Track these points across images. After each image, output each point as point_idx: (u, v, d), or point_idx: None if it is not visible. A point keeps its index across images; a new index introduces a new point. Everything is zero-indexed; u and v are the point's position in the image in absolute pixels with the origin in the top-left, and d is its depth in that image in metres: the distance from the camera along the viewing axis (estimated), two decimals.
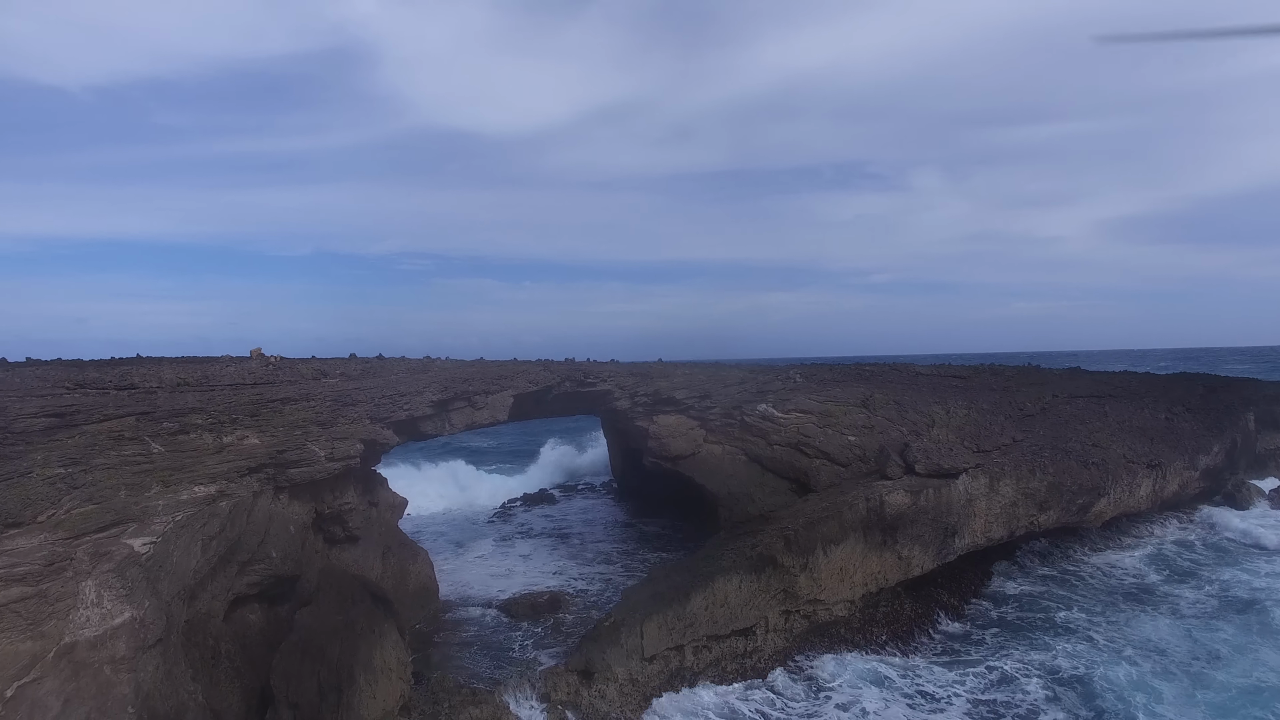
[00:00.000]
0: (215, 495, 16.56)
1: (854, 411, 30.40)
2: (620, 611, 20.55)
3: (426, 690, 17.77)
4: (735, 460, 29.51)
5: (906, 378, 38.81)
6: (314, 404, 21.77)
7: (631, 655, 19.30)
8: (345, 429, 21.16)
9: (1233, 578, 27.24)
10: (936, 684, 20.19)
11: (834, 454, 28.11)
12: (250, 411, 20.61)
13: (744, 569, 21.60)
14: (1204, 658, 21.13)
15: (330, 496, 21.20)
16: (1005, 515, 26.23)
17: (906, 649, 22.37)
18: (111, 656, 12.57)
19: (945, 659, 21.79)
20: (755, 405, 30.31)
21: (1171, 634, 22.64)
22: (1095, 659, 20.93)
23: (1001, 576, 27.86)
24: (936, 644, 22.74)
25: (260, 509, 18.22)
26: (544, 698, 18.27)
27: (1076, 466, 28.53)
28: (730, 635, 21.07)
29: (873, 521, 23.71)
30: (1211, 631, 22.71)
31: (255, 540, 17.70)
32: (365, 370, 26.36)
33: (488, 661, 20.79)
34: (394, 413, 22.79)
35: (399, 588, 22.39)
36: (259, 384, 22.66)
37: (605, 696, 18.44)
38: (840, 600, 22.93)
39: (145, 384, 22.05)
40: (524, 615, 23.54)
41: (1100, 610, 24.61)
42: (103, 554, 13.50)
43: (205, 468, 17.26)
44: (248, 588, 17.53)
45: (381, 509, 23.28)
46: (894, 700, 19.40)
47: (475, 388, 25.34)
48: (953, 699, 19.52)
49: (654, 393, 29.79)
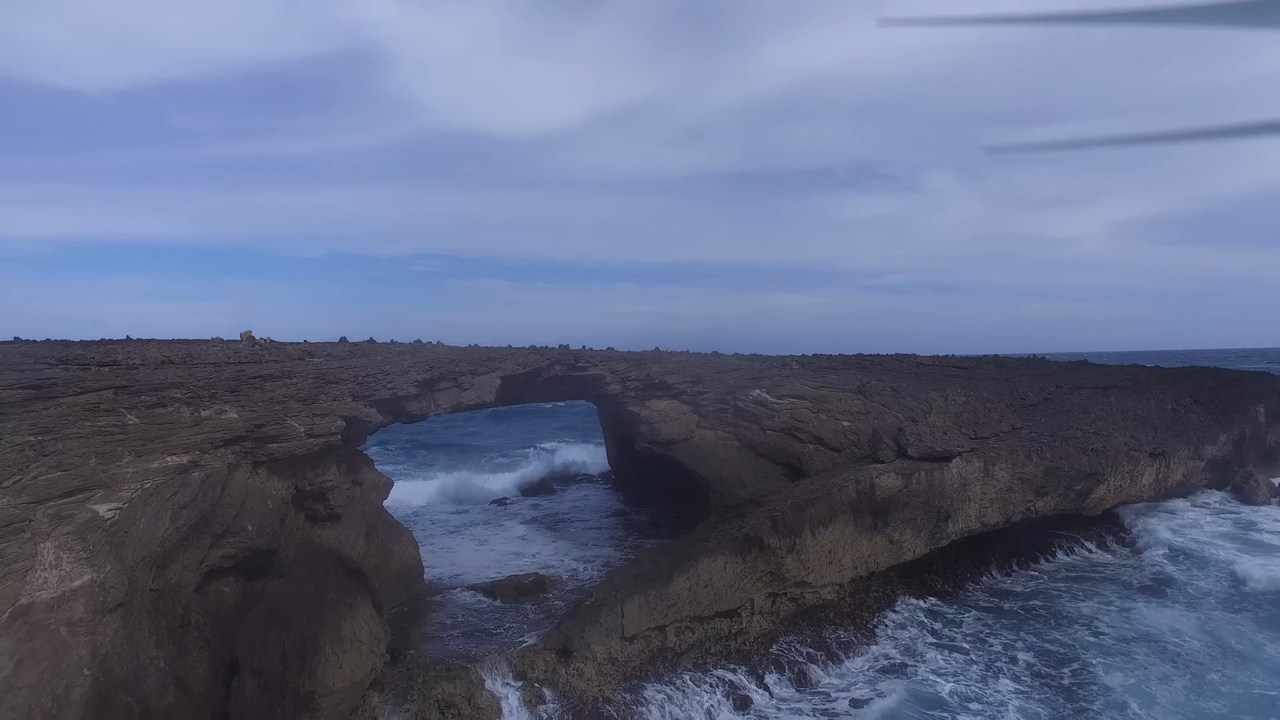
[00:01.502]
0: (188, 465, 16.41)
1: (849, 398, 30.01)
2: (602, 591, 20.28)
3: (401, 666, 17.57)
4: (728, 445, 29.19)
5: (907, 368, 38.34)
6: (296, 381, 21.62)
7: (611, 634, 19.02)
8: (327, 405, 21.00)
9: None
10: (929, 670, 19.81)
11: (827, 439, 27.74)
12: (230, 387, 20.48)
13: (729, 550, 21.27)
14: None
15: (311, 473, 21.03)
16: (1001, 500, 25.76)
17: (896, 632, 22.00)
18: (69, 619, 12.41)
19: (935, 641, 21.39)
20: (749, 391, 29.97)
21: (1184, 626, 22.01)
22: (1093, 650, 20.46)
23: (1000, 565, 27.40)
24: (928, 628, 22.33)
25: (237, 482, 18.06)
26: (520, 675, 18.02)
27: (1075, 452, 28.01)
28: (714, 617, 20.74)
29: (863, 504, 23.32)
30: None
31: (230, 513, 17.53)
32: (352, 352, 26.24)
33: (468, 641, 20.55)
34: (377, 391, 22.62)
35: (382, 567, 22.20)
36: (243, 363, 22.56)
37: (583, 675, 18.16)
38: (829, 583, 22.55)
39: (128, 361, 22.03)
40: (508, 597, 23.30)
41: (1111, 600, 24.07)
42: (63, 517, 13.37)
43: (179, 438, 17.13)
44: (222, 560, 17.36)
45: (365, 488, 23.11)
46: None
47: (462, 369, 25.15)
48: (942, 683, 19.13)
49: (646, 377, 29.52)
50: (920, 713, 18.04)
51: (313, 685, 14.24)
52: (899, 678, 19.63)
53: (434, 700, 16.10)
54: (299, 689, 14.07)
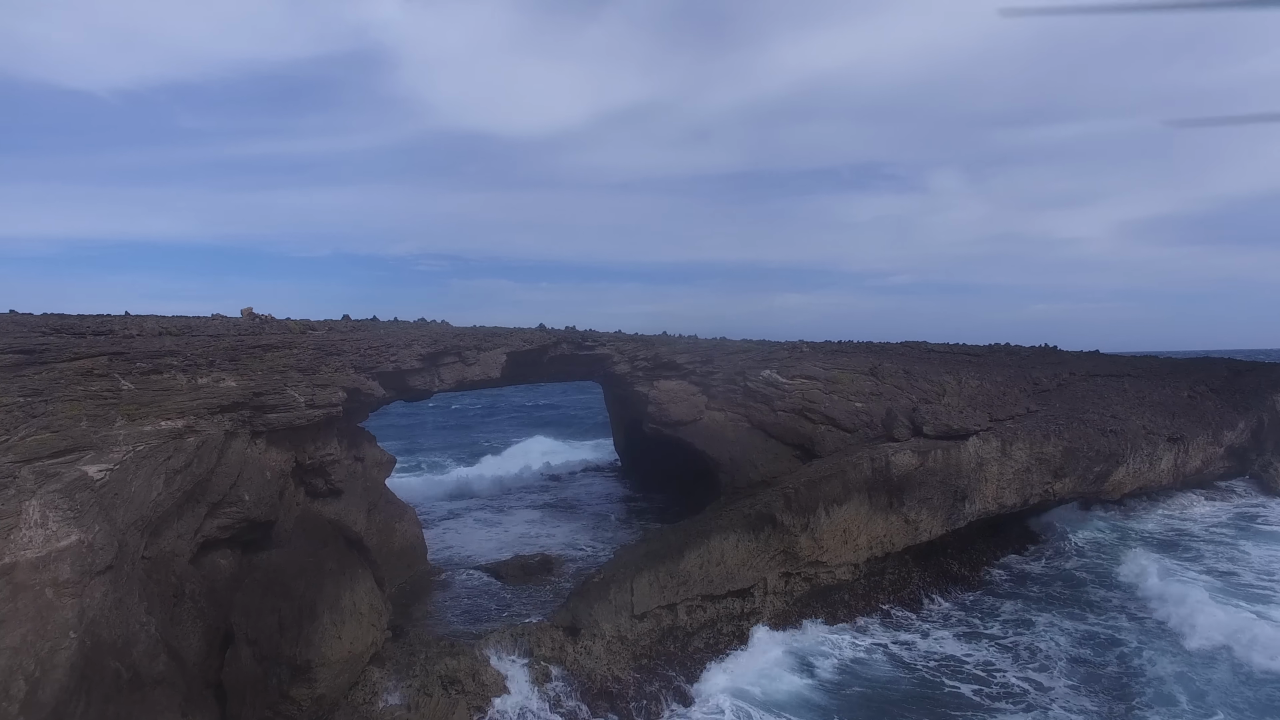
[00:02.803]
0: (183, 430, 15.81)
1: (861, 379, 29.33)
2: (611, 568, 19.67)
3: (403, 643, 16.99)
4: (738, 427, 28.52)
5: (918, 353, 37.68)
6: (297, 352, 21.05)
7: (620, 612, 18.40)
8: (328, 376, 20.40)
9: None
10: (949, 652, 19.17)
11: (840, 420, 27.06)
12: (230, 357, 19.92)
13: (741, 527, 20.65)
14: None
15: (312, 446, 20.42)
16: (1018, 481, 25.07)
17: (915, 618, 21.34)
18: (54, 579, 11.81)
19: (960, 630, 20.74)
20: (759, 371, 29.31)
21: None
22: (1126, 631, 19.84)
23: (1018, 549, 26.72)
24: (947, 613, 21.69)
25: (234, 451, 17.47)
26: (528, 653, 17.41)
27: (1094, 433, 27.31)
28: (726, 596, 20.12)
29: (878, 482, 22.66)
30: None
31: (227, 482, 16.94)
32: (355, 327, 25.68)
33: (472, 620, 19.97)
34: (379, 363, 22.02)
35: (384, 544, 21.62)
36: (243, 335, 22.00)
37: (591, 653, 17.54)
38: (843, 563, 21.91)
39: (125, 331, 21.47)
40: (514, 577, 22.71)
41: (1128, 586, 23.42)
42: (50, 475, 12.79)
43: (174, 404, 16.54)
44: (218, 531, 16.76)
45: (368, 465, 22.52)
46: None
47: (467, 344, 24.54)
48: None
49: (654, 357, 28.88)
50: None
51: (310, 654, 13.63)
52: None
53: (437, 676, 15.49)
54: (295, 658, 13.46)
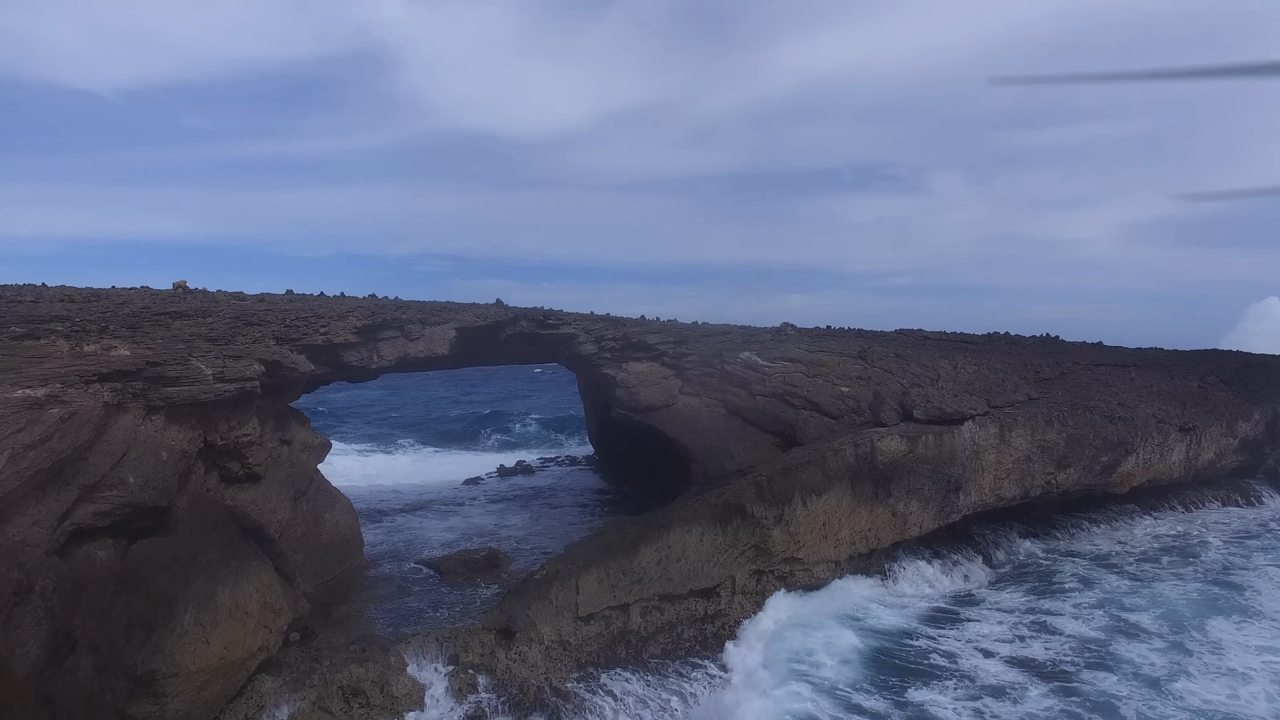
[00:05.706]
0: (42, 399, 13.56)
1: (848, 362, 27.11)
2: (555, 564, 17.45)
3: (308, 647, 14.75)
4: (714, 413, 26.31)
5: (912, 339, 35.45)
6: (210, 320, 18.87)
7: (563, 613, 16.19)
8: (243, 347, 18.17)
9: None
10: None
11: (824, 405, 24.84)
12: (128, 324, 17.74)
13: (706, 519, 18.42)
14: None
15: (225, 426, 18.14)
16: (1018, 471, 22.86)
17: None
18: None
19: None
20: (738, 353, 27.09)
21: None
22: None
23: (1019, 545, 24.52)
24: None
25: (120, 426, 15.21)
26: (453, 659, 15.20)
27: (1101, 420, 25.09)
28: (688, 596, 17.92)
29: (862, 470, 20.44)
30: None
31: (107, 462, 14.66)
32: (291, 300, 23.48)
33: (400, 621, 17.70)
34: (308, 335, 19.81)
35: (309, 536, 19.38)
36: (155, 303, 19.79)
37: (527, 660, 15.34)
38: (822, 560, 19.70)
39: (16, 297, 19.27)
40: (456, 574, 20.46)
41: (1136, 575, 21.27)
42: None
43: (39, 371, 14.30)
44: (94, 518, 14.46)
45: (295, 448, 20.28)
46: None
47: (410, 317, 22.32)
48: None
49: (623, 337, 26.64)
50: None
51: (155, 662, 11.39)
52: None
53: (337, 686, 13.29)
54: (135, 667, 11.23)
